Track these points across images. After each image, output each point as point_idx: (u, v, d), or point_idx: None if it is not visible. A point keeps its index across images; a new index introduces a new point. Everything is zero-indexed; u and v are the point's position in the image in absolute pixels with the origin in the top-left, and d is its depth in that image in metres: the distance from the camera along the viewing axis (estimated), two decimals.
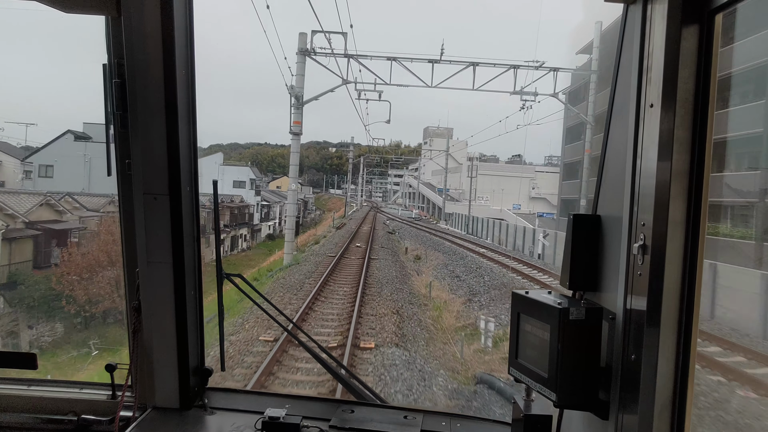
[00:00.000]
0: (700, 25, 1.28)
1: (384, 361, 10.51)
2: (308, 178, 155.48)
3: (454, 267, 24.77)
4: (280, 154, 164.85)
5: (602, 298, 1.54)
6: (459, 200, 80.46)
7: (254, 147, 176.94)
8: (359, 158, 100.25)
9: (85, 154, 29.64)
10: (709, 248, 2.86)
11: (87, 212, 23.22)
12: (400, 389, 9.27)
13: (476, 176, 64.72)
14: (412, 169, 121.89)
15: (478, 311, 16.18)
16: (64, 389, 2.25)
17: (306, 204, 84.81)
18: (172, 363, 2.10)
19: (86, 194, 26.07)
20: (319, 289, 16.96)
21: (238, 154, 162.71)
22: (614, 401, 1.44)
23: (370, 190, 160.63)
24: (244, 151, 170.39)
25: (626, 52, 1.47)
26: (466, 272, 23.17)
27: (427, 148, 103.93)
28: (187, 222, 2.04)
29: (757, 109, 13.79)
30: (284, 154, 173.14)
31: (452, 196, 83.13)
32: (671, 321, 1.32)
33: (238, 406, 2.20)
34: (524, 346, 1.59)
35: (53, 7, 1.91)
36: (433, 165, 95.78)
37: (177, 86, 1.88)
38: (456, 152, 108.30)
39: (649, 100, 1.35)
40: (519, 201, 71.68)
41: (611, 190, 1.54)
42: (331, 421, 2.04)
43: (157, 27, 1.82)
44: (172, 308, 2.06)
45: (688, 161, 1.30)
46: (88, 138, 30.87)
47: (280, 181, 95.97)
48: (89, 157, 29.53)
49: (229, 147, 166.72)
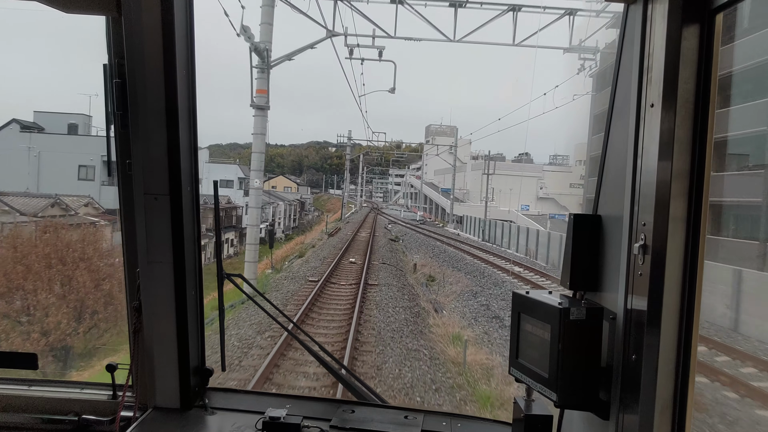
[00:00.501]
0: (700, 25, 1.28)
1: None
2: (307, 178, 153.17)
3: (486, 298, 17.00)
4: (279, 154, 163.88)
5: (603, 298, 1.54)
6: (464, 201, 77.51)
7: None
8: (358, 156, 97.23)
9: (32, 147, 25.59)
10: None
11: (18, 217, 17.92)
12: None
13: (492, 173, 57.79)
14: (413, 169, 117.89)
15: None
16: (64, 389, 2.25)
17: (303, 205, 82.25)
18: (172, 363, 2.10)
19: (25, 195, 21.98)
20: (276, 360, 9.93)
21: (237, 153, 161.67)
22: (615, 401, 1.44)
23: (370, 191, 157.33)
24: (243, 150, 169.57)
25: (627, 51, 1.47)
26: (508, 308, 14.33)
27: (431, 145, 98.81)
28: (188, 222, 2.05)
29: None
30: (282, 154, 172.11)
31: (456, 197, 78.69)
32: (672, 321, 1.32)
33: (238, 406, 2.20)
34: (525, 346, 1.59)
35: (53, 7, 1.91)
36: (437, 164, 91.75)
37: (177, 86, 1.88)
38: (458, 150, 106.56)
39: (650, 100, 1.34)
40: (526, 201, 66.83)
41: (612, 189, 1.54)
42: (331, 421, 2.04)
43: (157, 27, 1.82)
44: (172, 308, 2.06)
45: (688, 161, 1.30)
46: (38, 129, 26.65)
47: (275, 180, 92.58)
48: (38, 151, 25.66)
49: (228, 147, 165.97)
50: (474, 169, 79.40)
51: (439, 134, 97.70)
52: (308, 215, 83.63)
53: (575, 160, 74.95)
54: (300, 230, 62.09)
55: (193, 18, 1.95)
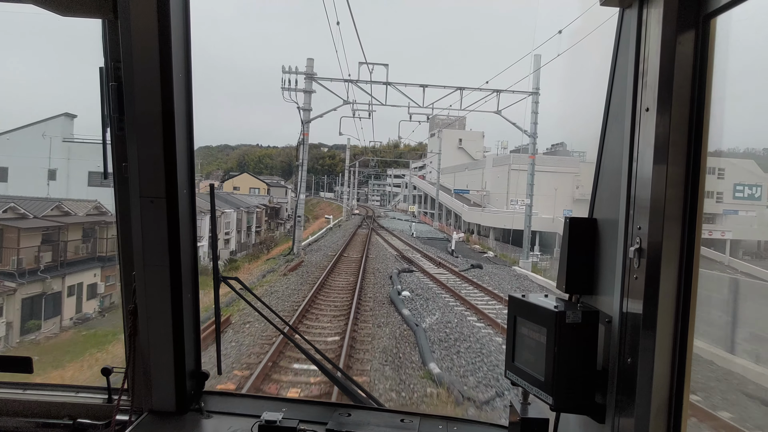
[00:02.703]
0: (695, 30, 1.29)
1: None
2: (296, 180, 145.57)
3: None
4: (268, 155, 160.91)
5: (599, 302, 1.54)
6: (483, 205, 60.63)
7: (242, 147, 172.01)
8: (354, 161, 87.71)
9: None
10: None
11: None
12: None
13: (522, 169, 38.61)
14: (415, 168, 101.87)
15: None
16: (59, 393, 2.24)
17: (277, 212, 64.41)
18: (168, 366, 2.10)
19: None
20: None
21: (225, 155, 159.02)
22: (611, 404, 1.44)
23: (366, 193, 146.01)
24: (232, 152, 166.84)
25: (622, 56, 1.48)
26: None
27: (438, 138, 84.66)
28: (184, 225, 2.04)
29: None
30: (272, 155, 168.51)
31: (471, 199, 64.41)
32: (667, 324, 1.32)
33: (234, 410, 2.19)
34: (521, 350, 1.59)
35: (50, 10, 1.91)
36: (445, 160, 73.54)
37: (174, 89, 1.88)
38: (470, 145, 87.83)
39: (645, 104, 1.35)
40: (563, 204, 46.44)
41: (607, 193, 1.54)
42: (327, 425, 2.03)
43: (153, 30, 1.82)
44: (168, 312, 2.05)
45: (683, 165, 1.31)
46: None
47: (238, 180, 75.01)
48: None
49: (217, 149, 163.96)
50: (496, 164, 61.01)
51: (446, 126, 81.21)
52: (283, 225, 63.10)
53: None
54: (266, 247, 42.82)
55: (190, 21, 1.95)
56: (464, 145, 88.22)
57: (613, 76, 1.53)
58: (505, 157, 61.22)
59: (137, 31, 1.82)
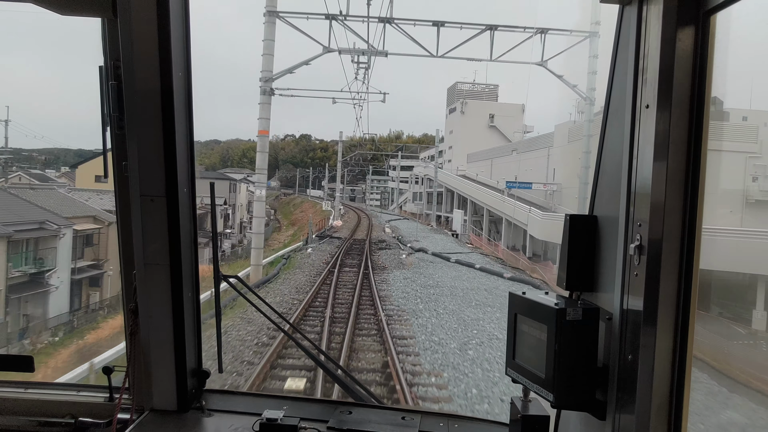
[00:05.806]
0: (695, 26, 1.28)
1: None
2: (280, 176, 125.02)
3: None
4: (251, 148, 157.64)
5: (599, 299, 1.55)
6: (551, 209, 34.74)
7: (227, 141, 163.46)
8: (348, 149, 68.24)
9: None
10: None
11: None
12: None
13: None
14: (425, 158, 78.32)
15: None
16: (61, 392, 2.24)
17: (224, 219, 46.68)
18: (169, 365, 2.10)
19: None
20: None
21: (210, 149, 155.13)
22: (611, 401, 1.44)
23: (363, 191, 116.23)
24: (215, 146, 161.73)
25: (622, 52, 1.48)
26: None
27: (459, 113, 63.46)
28: (185, 224, 2.04)
29: None
30: (255, 147, 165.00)
31: (514, 196, 37.21)
32: (668, 321, 1.32)
33: (235, 408, 2.20)
34: (521, 347, 1.59)
35: (49, 9, 1.91)
36: (470, 144, 54.59)
37: (173, 88, 1.88)
38: (506, 122, 61.15)
39: (645, 101, 1.35)
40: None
41: (608, 190, 1.54)
42: (328, 423, 2.04)
43: (153, 29, 1.82)
44: (169, 310, 2.05)
45: (684, 162, 1.31)
46: None
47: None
48: None
49: (205, 144, 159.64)
50: (574, 139, 33.14)
51: (473, 97, 62.09)
52: (229, 241, 43.25)
53: None
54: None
55: (189, 20, 1.95)
56: (497, 123, 64.32)
57: (613, 72, 1.53)
58: (577, 130, 32.28)
59: (137, 30, 1.82)
